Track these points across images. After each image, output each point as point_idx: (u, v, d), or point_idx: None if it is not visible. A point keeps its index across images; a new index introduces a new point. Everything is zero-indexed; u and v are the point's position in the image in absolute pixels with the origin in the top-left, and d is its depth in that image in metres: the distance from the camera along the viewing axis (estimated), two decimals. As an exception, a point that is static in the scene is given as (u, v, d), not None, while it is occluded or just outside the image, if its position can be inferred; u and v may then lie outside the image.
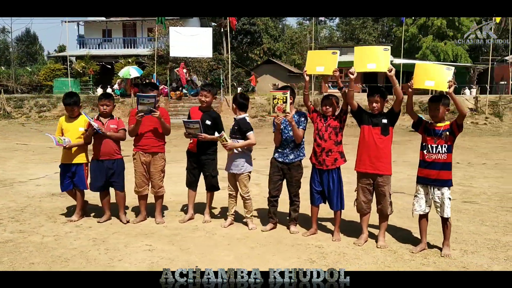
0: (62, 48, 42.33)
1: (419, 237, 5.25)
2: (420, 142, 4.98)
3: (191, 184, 6.05)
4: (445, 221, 4.86)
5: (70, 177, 5.95)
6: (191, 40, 22.70)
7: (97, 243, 5.05)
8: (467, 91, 27.55)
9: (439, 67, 4.73)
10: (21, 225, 5.71)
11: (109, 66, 32.94)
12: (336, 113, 5.30)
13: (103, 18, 37.17)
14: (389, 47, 4.99)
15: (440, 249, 4.94)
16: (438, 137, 4.76)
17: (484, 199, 7.50)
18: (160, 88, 25.32)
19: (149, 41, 35.87)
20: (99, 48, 37.00)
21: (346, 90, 5.17)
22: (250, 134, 5.56)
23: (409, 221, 6.01)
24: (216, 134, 5.56)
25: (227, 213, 5.86)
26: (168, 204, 6.78)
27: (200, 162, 5.93)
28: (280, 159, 5.50)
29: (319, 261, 4.57)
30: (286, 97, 5.13)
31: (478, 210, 6.68)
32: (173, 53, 23.31)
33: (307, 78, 5.36)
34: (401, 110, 5.09)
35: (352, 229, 5.60)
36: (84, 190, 6.01)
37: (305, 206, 5.88)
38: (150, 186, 5.95)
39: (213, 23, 31.94)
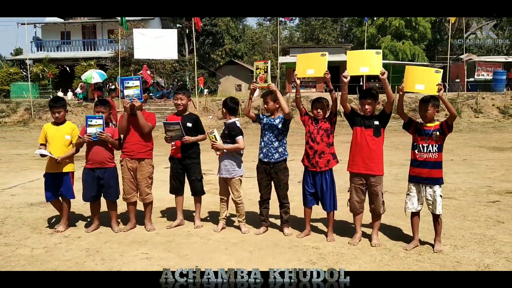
0: (18, 51, 40.89)
1: (408, 234, 5.42)
2: (412, 142, 5.13)
3: (177, 190, 5.96)
4: (436, 218, 5.01)
5: (55, 187, 5.73)
6: (155, 42, 22.42)
7: (91, 253, 4.92)
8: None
9: (428, 70, 4.87)
10: (5, 238, 5.49)
11: (68, 70, 32.09)
12: (327, 116, 5.37)
13: (61, 20, 36.27)
14: (380, 51, 5.11)
15: (431, 245, 5.09)
16: (428, 137, 4.90)
17: (460, 194, 7.77)
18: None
19: (109, 43, 35.23)
20: (57, 50, 36.07)
21: (335, 94, 5.32)
22: (239, 138, 5.56)
23: (395, 218, 6.18)
24: (209, 131, 5.56)
25: (219, 218, 5.83)
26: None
27: (185, 167, 5.87)
28: (265, 160, 5.53)
29: (319, 262, 4.62)
30: (267, 66, 5.34)
31: (457, 206, 6.92)
32: (138, 55, 22.93)
33: (298, 81, 5.40)
34: (392, 112, 5.22)
35: (342, 229, 5.69)
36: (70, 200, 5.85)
37: (292, 208, 5.90)
38: (138, 193, 5.85)
39: (177, 25, 31.61)
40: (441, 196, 4.96)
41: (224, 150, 5.56)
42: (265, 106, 5.56)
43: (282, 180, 5.50)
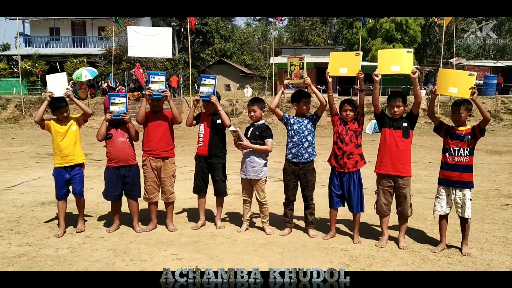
0: (6, 47, 40.16)
1: (432, 236, 5.49)
2: (442, 145, 5.14)
3: (201, 190, 5.89)
4: (464, 222, 5.03)
5: (67, 184, 5.57)
6: (149, 40, 22.15)
7: (119, 254, 4.83)
8: (417, 92, 28.63)
9: (462, 74, 4.89)
10: (25, 238, 5.36)
11: (58, 67, 31.59)
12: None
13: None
14: (412, 50, 5.12)
15: (456, 247, 5.12)
16: (460, 140, 4.91)
17: (472, 197, 7.79)
18: (118, 89, 24.66)
19: (100, 40, 34.82)
20: (46, 47, 35.46)
21: (364, 95, 5.33)
22: (269, 141, 5.52)
23: (414, 220, 6.17)
24: (231, 128, 5.41)
25: (242, 219, 5.78)
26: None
27: (211, 166, 5.80)
28: (294, 160, 5.48)
29: (352, 264, 4.59)
30: (303, 63, 5.39)
31: (472, 208, 6.84)
32: (131, 53, 22.62)
33: (330, 79, 5.36)
34: (419, 113, 5.22)
35: (364, 231, 5.66)
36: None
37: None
38: (160, 192, 5.77)
39: (172, 23, 31.36)
40: (470, 199, 4.98)
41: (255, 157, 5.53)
42: (303, 107, 5.52)
43: (310, 181, 5.47)
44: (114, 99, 5.48)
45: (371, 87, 5.22)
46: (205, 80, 5.64)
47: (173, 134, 5.78)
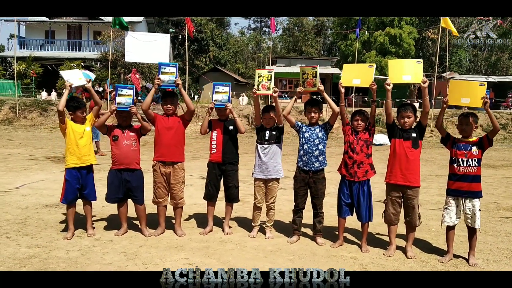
0: (0, 48, 39.93)
1: (437, 246, 5.56)
2: (449, 156, 5.21)
3: (212, 197, 5.91)
4: (473, 232, 5.10)
5: (78, 188, 5.48)
6: (147, 46, 22.16)
7: (130, 257, 4.83)
8: (410, 105, 28.94)
9: (473, 84, 4.98)
10: (34, 240, 5.34)
11: (52, 69, 31.49)
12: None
13: (46, 19, 35.61)
14: (421, 60, 5.24)
15: (463, 258, 5.19)
16: (468, 151, 5.00)
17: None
18: (113, 94, 24.60)
19: (95, 44, 34.76)
20: (41, 49, 35.32)
21: (375, 106, 5.38)
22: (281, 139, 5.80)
23: (418, 231, 6.19)
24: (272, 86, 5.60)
25: (253, 224, 5.82)
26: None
27: (224, 173, 5.84)
28: (305, 168, 5.54)
29: (363, 272, 4.64)
30: (316, 71, 5.45)
31: (474, 221, 7.04)
32: (129, 58, 22.48)
33: (342, 90, 5.43)
34: (427, 124, 5.32)
35: (369, 240, 5.70)
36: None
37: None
38: (169, 197, 5.79)
39: (170, 30, 31.46)
40: (480, 210, 5.06)
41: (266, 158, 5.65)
42: (311, 115, 5.57)
43: (319, 190, 5.53)
44: (122, 90, 5.51)
45: (366, 98, 5.33)
46: (218, 88, 5.70)
47: (184, 138, 5.81)
